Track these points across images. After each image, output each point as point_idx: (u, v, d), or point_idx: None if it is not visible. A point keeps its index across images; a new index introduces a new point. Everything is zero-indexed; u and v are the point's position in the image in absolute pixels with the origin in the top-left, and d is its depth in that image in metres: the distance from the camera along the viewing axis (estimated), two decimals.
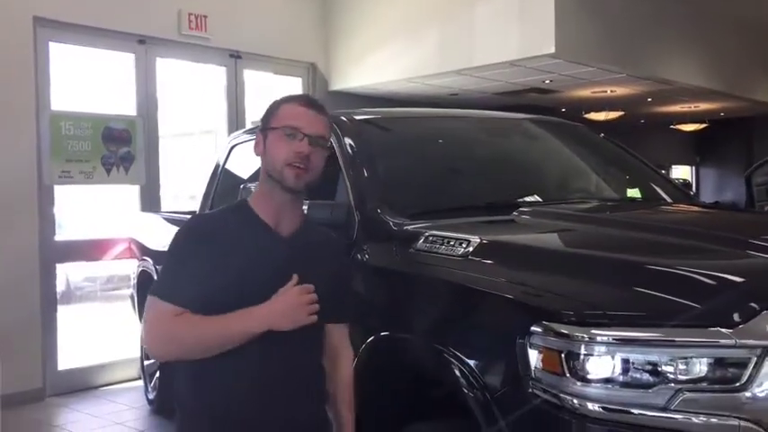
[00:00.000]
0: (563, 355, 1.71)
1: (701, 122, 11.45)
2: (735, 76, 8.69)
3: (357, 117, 3.14)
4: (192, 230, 1.92)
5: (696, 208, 3.21)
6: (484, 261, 2.14)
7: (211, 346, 1.82)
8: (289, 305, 1.81)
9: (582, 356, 1.69)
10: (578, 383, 1.69)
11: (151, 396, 4.95)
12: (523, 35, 6.09)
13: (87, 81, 5.96)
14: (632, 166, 3.54)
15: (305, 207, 2.15)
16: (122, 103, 6.01)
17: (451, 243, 2.24)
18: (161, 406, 4.82)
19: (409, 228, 2.48)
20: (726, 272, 1.89)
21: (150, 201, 6.03)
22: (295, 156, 1.85)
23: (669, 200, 3.27)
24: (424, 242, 2.33)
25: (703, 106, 10.08)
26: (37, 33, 5.36)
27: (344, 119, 3.07)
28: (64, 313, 5.66)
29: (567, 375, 1.70)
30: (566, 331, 1.72)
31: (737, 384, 1.62)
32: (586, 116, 9.62)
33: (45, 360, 5.35)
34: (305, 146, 1.86)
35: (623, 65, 6.95)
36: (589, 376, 1.68)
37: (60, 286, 5.82)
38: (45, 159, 5.34)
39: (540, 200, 2.95)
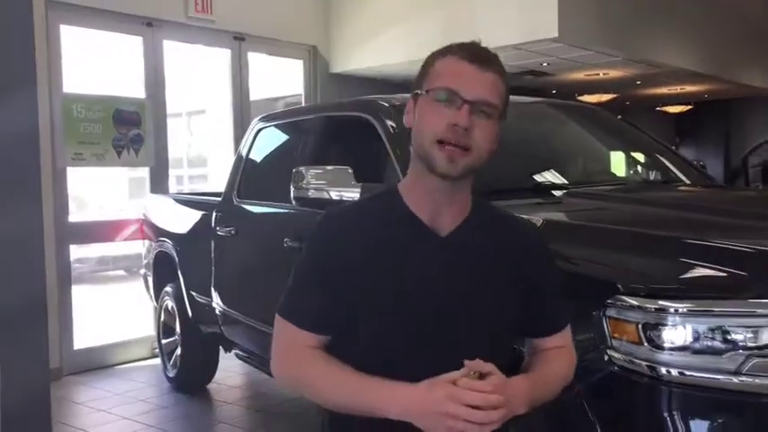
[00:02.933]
0: (639, 326, 1.86)
1: (686, 104, 11.70)
2: (722, 59, 8.92)
3: (397, 103, 3.24)
4: (323, 232, 1.49)
5: (723, 187, 3.39)
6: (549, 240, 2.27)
7: (335, 407, 1.43)
8: (430, 405, 1.29)
9: (658, 326, 1.85)
10: (654, 351, 1.85)
11: (171, 374, 5.02)
12: (527, 19, 6.20)
13: (98, 64, 5.97)
14: (652, 147, 3.70)
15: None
16: (131, 86, 6.04)
17: None
18: (181, 384, 4.92)
19: None
20: None
21: (159, 182, 6.08)
22: (448, 129, 1.37)
23: (687, 181, 3.44)
24: None
25: (689, 88, 10.32)
26: (49, 16, 5.36)
27: (385, 104, 3.18)
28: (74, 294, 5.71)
29: (645, 344, 1.86)
30: (641, 304, 1.87)
31: None
32: (579, 98, 9.81)
33: (62, 340, 5.41)
34: (463, 116, 1.36)
35: (621, 48, 7.12)
36: (664, 344, 1.84)
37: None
38: (58, 142, 5.37)
39: (578, 182, 3.10)
